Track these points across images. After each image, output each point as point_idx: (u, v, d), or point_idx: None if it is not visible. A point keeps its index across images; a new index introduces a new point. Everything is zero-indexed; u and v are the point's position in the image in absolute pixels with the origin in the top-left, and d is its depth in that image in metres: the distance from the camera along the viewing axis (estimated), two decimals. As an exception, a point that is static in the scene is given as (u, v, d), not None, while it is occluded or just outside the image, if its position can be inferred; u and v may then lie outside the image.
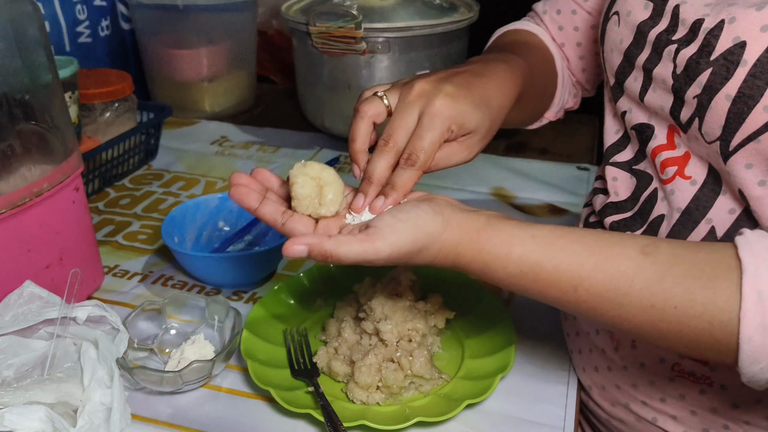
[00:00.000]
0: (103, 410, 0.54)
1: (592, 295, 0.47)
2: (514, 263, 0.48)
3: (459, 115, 0.53)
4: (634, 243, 0.47)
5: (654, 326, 0.46)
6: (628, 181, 0.60)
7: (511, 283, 0.49)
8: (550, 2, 0.75)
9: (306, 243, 0.47)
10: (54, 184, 0.66)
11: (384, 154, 0.53)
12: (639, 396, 0.61)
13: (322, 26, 1.00)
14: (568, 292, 0.47)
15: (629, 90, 0.58)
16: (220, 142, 1.16)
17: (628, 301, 0.46)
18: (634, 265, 0.46)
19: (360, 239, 0.47)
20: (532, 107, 0.72)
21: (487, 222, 0.49)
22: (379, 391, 0.60)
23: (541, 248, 0.47)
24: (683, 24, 0.51)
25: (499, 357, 0.63)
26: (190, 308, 0.70)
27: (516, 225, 0.49)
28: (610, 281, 0.46)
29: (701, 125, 0.50)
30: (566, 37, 0.74)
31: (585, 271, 0.47)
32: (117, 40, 1.27)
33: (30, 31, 0.63)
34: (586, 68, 0.76)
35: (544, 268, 0.47)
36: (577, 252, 0.47)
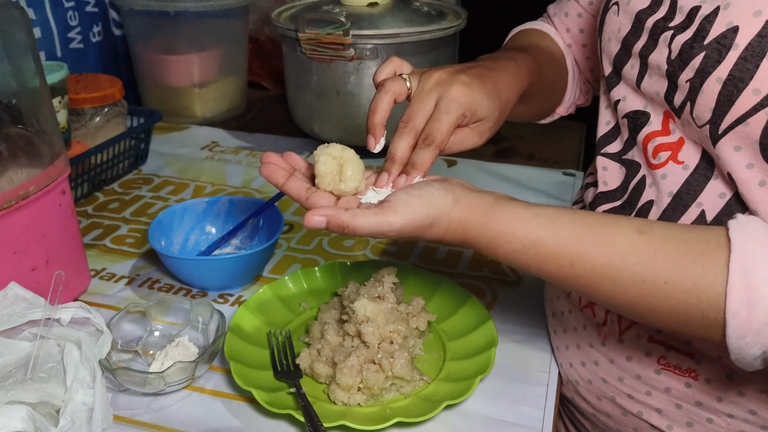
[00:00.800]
0: (85, 410, 0.54)
1: (587, 270, 0.50)
2: (517, 239, 0.51)
3: (473, 102, 0.57)
4: (631, 223, 0.50)
5: (645, 301, 0.49)
6: (617, 171, 0.62)
7: (515, 258, 0.52)
8: (559, 5, 0.79)
9: (324, 214, 0.51)
10: (40, 187, 0.67)
11: (404, 135, 0.57)
12: (625, 390, 0.62)
13: (311, 33, 1.01)
14: (565, 266, 0.51)
15: (626, 77, 0.60)
16: (210, 147, 1.17)
17: (621, 275, 0.49)
18: (629, 241, 0.49)
19: (374, 212, 0.51)
20: (542, 102, 0.76)
21: (495, 201, 0.53)
22: (360, 393, 0.61)
23: (543, 226, 0.51)
24: (681, 11, 0.53)
25: (479, 359, 0.64)
26: (174, 311, 0.70)
27: (522, 205, 0.53)
28: (606, 257, 0.49)
29: (693, 109, 0.52)
30: (573, 38, 0.77)
31: (582, 246, 0.50)
32: (108, 45, 1.28)
33: (17, 35, 0.64)
34: (593, 68, 0.78)
35: (545, 244, 0.51)
36: (577, 229, 0.50)
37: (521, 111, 0.70)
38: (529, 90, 0.66)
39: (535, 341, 0.70)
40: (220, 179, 1.06)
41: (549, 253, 0.51)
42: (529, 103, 0.70)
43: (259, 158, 1.13)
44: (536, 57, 0.70)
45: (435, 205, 0.52)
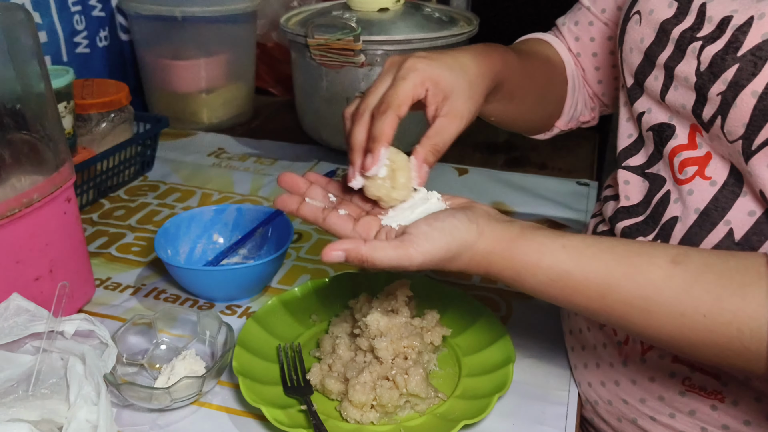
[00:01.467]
0: (88, 428, 0.52)
1: (620, 303, 0.47)
2: (543, 272, 0.49)
3: (432, 71, 0.54)
4: (665, 252, 0.47)
5: (683, 335, 0.46)
6: (640, 185, 0.60)
7: (541, 290, 0.50)
8: (569, 15, 0.77)
9: (343, 249, 0.48)
10: (45, 194, 0.65)
11: (359, 120, 0.54)
12: (647, 411, 0.59)
13: (321, 38, 0.99)
14: (596, 300, 0.48)
15: (649, 89, 0.58)
16: (217, 154, 1.15)
17: (657, 309, 0.46)
18: (663, 273, 0.46)
19: (394, 246, 0.48)
20: (533, 106, 0.72)
21: (520, 232, 0.50)
22: (373, 410, 0.59)
23: (571, 257, 0.48)
24: (710, 21, 0.51)
25: (496, 376, 0.62)
26: (181, 323, 0.69)
27: (547, 235, 0.50)
28: (639, 290, 0.47)
29: (724, 123, 0.50)
30: (582, 47, 0.75)
31: (613, 279, 0.47)
32: (115, 50, 1.26)
33: (23, 39, 0.63)
34: (602, 80, 0.76)
35: (573, 277, 0.48)
36: (606, 261, 0.48)
37: (511, 112, 0.66)
38: (509, 83, 0.62)
39: (553, 357, 0.68)
40: (227, 187, 1.04)
41: (578, 286, 0.48)
42: (517, 104, 0.67)
43: (266, 165, 1.11)
44: (521, 55, 0.67)
45: (457, 239, 0.49)
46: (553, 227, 0.93)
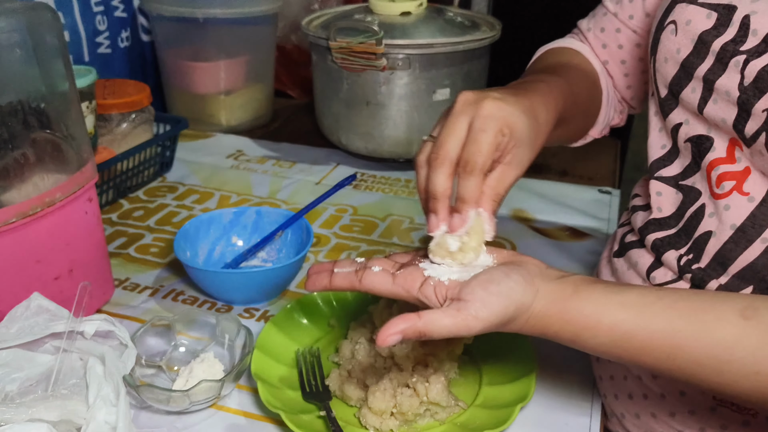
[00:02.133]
0: (107, 429, 0.52)
1: (690, 363, 0.45)
2: (604, 333, 0.47)
3: (510, 116, 0.51)
4: (733, 305, 0.45)
5: (760, 392, 0.44)
6: (673, 197, 0.59)
7: (603, 351, 0.48)
8: (594, 20, 0.74)
9: (399, 331, 0.46)
10: (67, 194, 0.65)
11: (439, 168, 0.50)
12: (677, 426, 0.58)
13: (343, 41, 0.99)
14: (663, 360, 0.46)
15: (685, 101, 0.56)
16: (235, 156, 1.15)
17: (729, 368, 0.44)
18: (735, 331, 0.44)
19: (451, 315, 0.46)
20: (577, 124, 0.71)
21: (575, 291, 0.48)
22: (393, 418, 0.58)
23: (632, 317, 0.46)
24: (754, 34, 0.50)
25: (518, 385, 0.60)
26: (200, 325, 0.68)
27: (603, 292, 0.48)
28: (710, 349, 0.45)
29: None
30: (610, 54, 0.73)
31: (682, 339, 0.45)
32: (136, 51, 1.27)
33: (48, 38, 0.63)
34: (631, 85, 0.74)
35: (636, 337, 0.46)
36: (672, 319, 0.46)
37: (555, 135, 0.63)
38: (564, 113, 0.61)
39: (576, 367, 0.67)
40: (246, 189, 1.04)
41: (642, 347, 0.46)
42: (564, 127, 0.64)
43: (285, 168, 1.11)
44: (568, 77, 0.65)
45: (515, 302, 0.47)
46: (575, 236, 0.92)
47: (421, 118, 1.05)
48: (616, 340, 0.46)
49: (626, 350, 0.47)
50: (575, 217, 0.96)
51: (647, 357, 0.46)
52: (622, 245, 0.65)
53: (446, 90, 1.03)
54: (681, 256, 0.57)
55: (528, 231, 0.93)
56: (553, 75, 0.63)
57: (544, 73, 0.64)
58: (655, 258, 0.59)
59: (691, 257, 0.56)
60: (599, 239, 0.91)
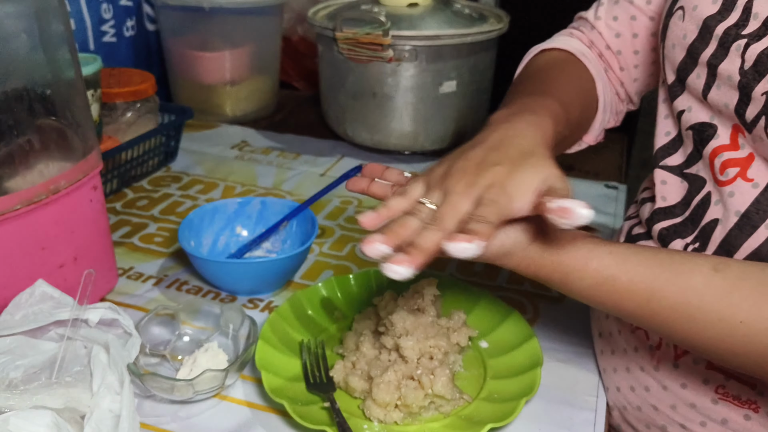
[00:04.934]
0: (111, 418, 0.52)
1: (664, 308, 0.49)
2: (590, 276, 0.50)
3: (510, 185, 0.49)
4: (706, 260, 0.49)
5: (723, 341, 0.47)
6: (678, 186, 0.59)
7: (589, 294, 0.51)
8: (603, 8, 0.71)
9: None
10: (72, 182, 0.65)
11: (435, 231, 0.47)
12: (678, 418, 0.58)
13: (349, 32, 0.98)
14: (641, 304, 0.49)
15: (691, 87, 0.56)
16: (240, 147, 1.15)
17: (698, 314, 0.47)
18: (705, 279, 0.47)
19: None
20: (568, 141, 0.70)
21: (572, 238, 0.51)
22: (397, 410, 0.58)
23: (617, 263, 0.50)
24: (755, 18, 0.50)
25: (523, 379, 0.60)
26: (204, 315, 0.68)
27: (595, 242, 0.51)
28: (682, 294, 0.48)
29: None
30: (623, 44, 0.71)
31: (658, 284, 0.48)
32: (141, 40, 1.26)
33: (54, 25, 0.62)
34: (638, 78, 0.73)
35: (619, 281, 0.49)
36: (651, 267, 0.49)
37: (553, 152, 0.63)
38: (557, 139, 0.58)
39: (581, 361, 0.67)
40: (251, 180, 1.03)
41: (624, 290, 0.49)
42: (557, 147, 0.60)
43: (289, 159, 1.10)
44: (561, 97, 0.61)
45: (511, 237, 0.50)
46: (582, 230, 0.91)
47: (428, 110, 1.04)
48: (600, 283, 0.50)
49: (608, 293, 0.50)
50: (581, 212, 0.95)
51: (628, 302, 0.50)
52: (628, 237, 0.65)
53: (453, 82, 1.03)
54: (687, 245, 0.57)
55: (533, 225, 0.93)
56: (545, 97, 0.60)
57: (534, 95, 0.61)
58: None
59: (697, 246, 0.56)
60: (605, 233, 0.91)
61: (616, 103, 0.75)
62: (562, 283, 0.52)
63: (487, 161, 0.50)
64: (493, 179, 0.49)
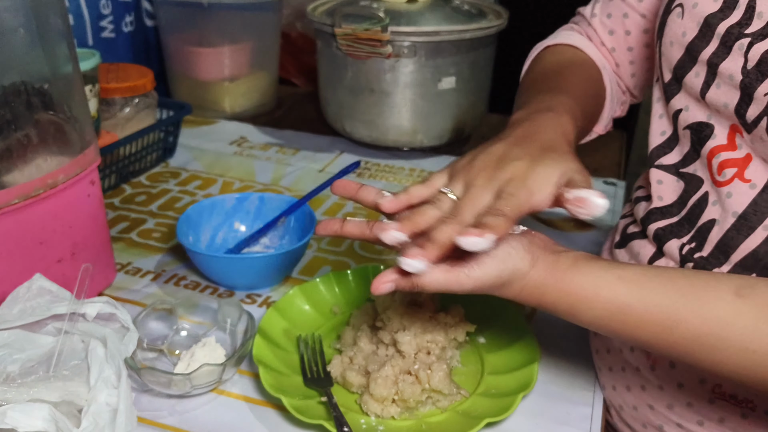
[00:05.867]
0: (108, 411, 0.52)
1: (686, 340, 0.45)
2: (601, 305, 0.47)
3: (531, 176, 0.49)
4: (728, 284, 0.45)
5: (751, 370, 0.44)
6: (674, 185, 0.58)
7: (600, 324, 0.48)
8: (599, 5, 0.73)
9: (392, 279, 0.48)
10: (70, 176, 0.65)
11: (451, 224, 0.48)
12: (674, 418, 0.58)
13: (348, 28, 0.98)
14: (659, 334, 0.46)
15: (688, 86, 0.56)
16: (239, 143, 1.15)
17: (724, 345, 0.44)
18: (731, 308, 0.44)
19: (444, 270, 0.47)
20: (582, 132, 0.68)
21: (574, 263, 0.48)
22: (394, 405, 0.58)
23: (630, 290, 0.46)
24: (759, 17, 0.49)
25: (520, 374, 0.60)
26: (202, 310, 0.68)
27: (602, 266, 0.48)
28: (706, 325, 0.45)
29: None
30: (617, 41, 0.72)
31: (678, 314, 0.45)
32: (140, 36, 1.26)
33: (52, 20, 0.62)
34: (635, 73, 0.73)
35: (633, 311, 0.46)
36: (669, 294, 0.46)
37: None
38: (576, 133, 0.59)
39: (579, 358, 0.67)
40: (249, 175, 1.03)
41: (639, 321, 0.46)
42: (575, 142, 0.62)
43: (288, 155, 1.10)
44: (575, 92, 0.63)
45: (510, 267, 0.47)
46: (580, 226, 0.92)
47: (426, 107, 1.04)
48: (613, 313, 0.47)
49: (623, 324, 0.47)
50: (579, 208, 0.95)
51: (643, 331, 0.46)
52: (623, 236, 0.65)
53: (452, 78, 1.03)
54: (683, 245, 0.56)
55: (533, 222, 0.93)
56: (560, 94, 0.61)
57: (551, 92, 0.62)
58: (656, 248, 0.59)
59: (693, 246, 0.56)
60: (603, 230, 0.91)
61: (620, 94, 0.76)
62: (568, 314, 0.48)
63: (509, 156, 0.51)
64: (514, 173, 0.49)
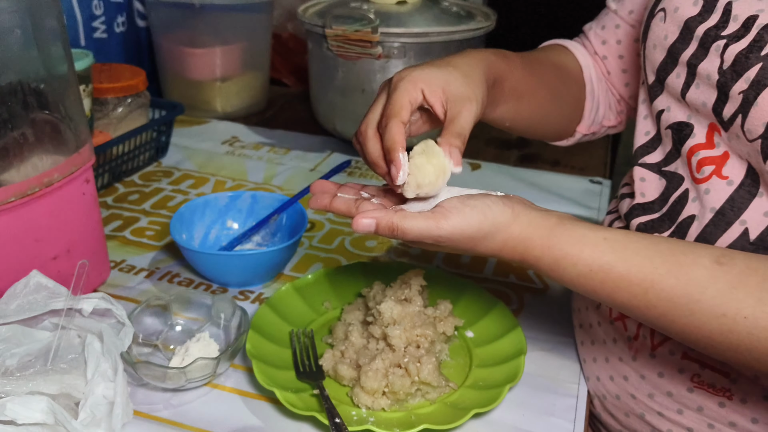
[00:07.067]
0: (105, 404, 0.53)
1: (662, 300, 0.47)
2: (584, 262, 0.48)
3: (421, 74, 0.53)
4: (709, 252, 0.47)
5: (724, 336, 0.46)
6: (656, 182, 0.60)
7: (581, 282, 0.49)
8: (597, 19, 0.77)
9: (373, 216, 0.49)
10: (65, 175, 0.66)
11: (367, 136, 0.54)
12: (655, 407, 0.60)
13: (339, 29, 1.00)
14: (638, 295, 0.47)
15: (670, 87, 0.58)
16: (230, 142, 1.16)
17: (699, 308, 0.46)
18: (708, 273, 0.46)
19: (425, 216, 0.49)
20: (545, 105, 0.70)
21: (559, 221, 0.50)
22: (385, 397, 0.59)
23: (614, 250, 0.48)
24: (735, 20, 0.51)
25: (507, 367, 0.62)
26: (196, 306, 0.69)
27: (588, 226, 0.50)
28: (683, 287, 0.46)
29: (744, 122, 0.50)
30: (609, 50, 0.75)
31: (657, 275, 0.47)
32: (132, 36, 1.27)
33: (48, 21, 0.63)
34: (629, 82, 0.76)
35: (614, 269, 0.48)
36: (650, 256, 0.47)
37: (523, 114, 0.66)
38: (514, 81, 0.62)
39: (564, 350, 0.68)
40: (241, 175, 1.04)
41: (619, 280, 0.48)
42: (527, 103, 0.66)
43: (280, 155, 1.12)
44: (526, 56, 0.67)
45: (489, 218, 0.49)
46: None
47: (416, 107, 1.06)
48: (594, 271, 0.48)
49: (602, 282, 0.48)
50: (566, 206, 0.98)
51: (623, 291, 0.48)
52: None
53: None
54: None
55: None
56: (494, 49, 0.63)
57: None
58: None
59: None
60: (589, 228, 0.93)
61: (614, 102, 0.78)
62: (551, 269, 0.50)
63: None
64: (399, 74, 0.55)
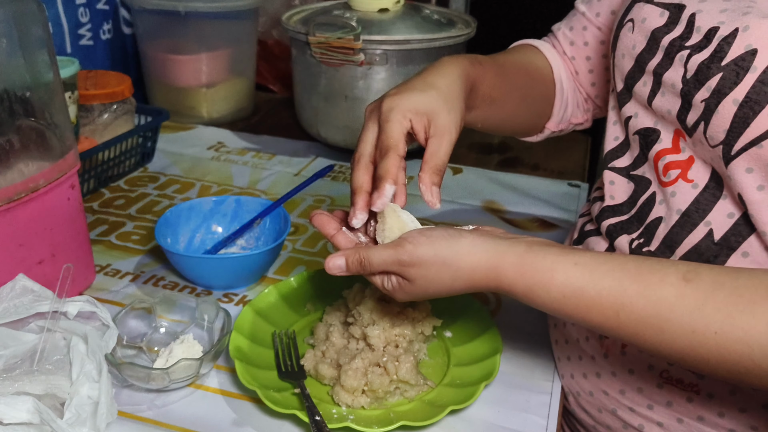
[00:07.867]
0: (90, 404, 0.54)
1: (633, 321, 0.48)
2: (557, 288, 0.50)
3: (408, 103, 0.57)
4: (676, 270, 0.48)
5: (695, 351, 0.47)
6: (625, 186, 0.63)
7: (554, 307, 0.51)
8: (565, 21, 0.79)
9: (342, 254, 0.55)
10: (50, 180, 0.67)
11: (356, 166, 0.58)
12: (626, 402, 0.62)
13: (322, 36, 1.01)
14: (610, 317, 0.49)
15: (637, 94, 0.60)
16: (216, 148, 1.17)
17: (669, 326, 0.47)
18: (676, 291, 0.47)
19: (388, 246, 0.53)
20: (517, 107, 0.73)
21: (528, 248, 0.51)
22: (364, 395, 0.61)
23: (584, 274, 0.49)
24: (698, 31, 0.54)
25: (484, 365, 0.64)
26: (180, 308, 0.70)
27: (558, 252, 0.51)
28: (652, 307, 0.47)
29: (706, 129, 0.52)
30: (576, 51, 0.77)
31: (627, 296, 0.48)
32: (118, 43, 1.28)
33: (33, 29, 0.65)
34: (595, 82, 0.78)
35: (586, 294, 0.49)
36: (620, 278, 0.48)
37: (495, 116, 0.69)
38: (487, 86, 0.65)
39: (539, 349, 0.70)
40: (226, 179, 1.06)
41: (591, 304, 0.49)
42: (499, 106, 0.69)
43: (265, 160, 1.13)
44: (496, 59, 0.70)
45: (444, 246, 0.52)
46: (544, 226, 0.96)
47: (398, 113, 1.08)
48: (567, 297, 0.49)
49: (576, 306, 0.49)
50: (545, 209, 1.00)
51: (595, 314, 0.49)
52: (581, 233, 0.69)
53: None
54: (633, 240, 0.60)
55: (498, 221, 0.96)
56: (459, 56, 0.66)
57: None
58: (609, 243, 0.63)
59: (642, 241, 0.60)
60: (567, 230, 0.95)
61: (581, 101, 0.80)
62: (525, 296, 0.51)
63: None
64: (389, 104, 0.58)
